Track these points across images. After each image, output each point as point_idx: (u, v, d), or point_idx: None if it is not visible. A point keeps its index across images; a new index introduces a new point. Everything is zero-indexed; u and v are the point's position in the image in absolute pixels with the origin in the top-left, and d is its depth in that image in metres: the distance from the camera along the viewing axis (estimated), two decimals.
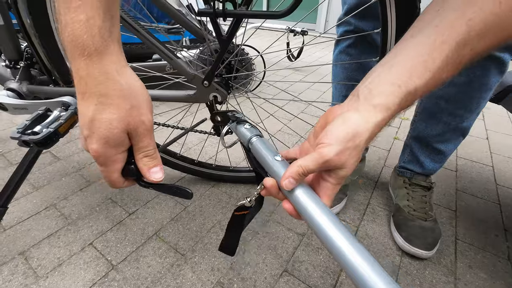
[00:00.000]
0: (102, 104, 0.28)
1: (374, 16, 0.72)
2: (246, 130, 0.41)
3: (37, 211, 0.88)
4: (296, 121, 1.47)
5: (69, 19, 0.26)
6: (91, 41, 0.26)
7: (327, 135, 0.30)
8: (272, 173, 0.34)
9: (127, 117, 0.29)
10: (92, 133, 0.29)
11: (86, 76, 0.27)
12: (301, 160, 0.30)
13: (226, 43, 0.52)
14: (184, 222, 0.86)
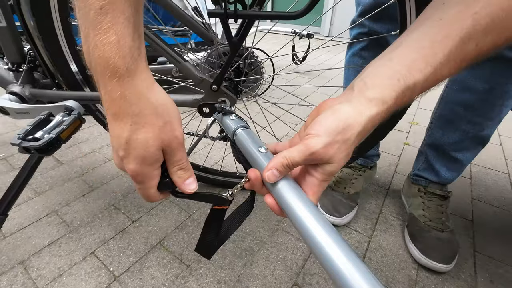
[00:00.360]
0: (136, 124, 0.27)
1: (389, 18, 0.69)
2: (231, 121, 0.39)
3: (38, 218, 0.86)
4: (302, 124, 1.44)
5: (99, 41, 0.25)
6: (122, 62, 0.26)
7: (315, 126, 0.28)
8: (256, 166, 0.31)
9: (161, 134, 0.29)
10: (129, 153, 0.28)
11: (119, 97, 0.27)
12: (286, 151, 0.28)
13: (237, 46, 0.49)
14: (189, 231, 0.83)
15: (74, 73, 0.69)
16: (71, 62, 0.67)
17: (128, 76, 0.26)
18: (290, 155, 0.28)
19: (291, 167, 0.28)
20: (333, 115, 0.28)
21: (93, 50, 0.26)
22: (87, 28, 0.25)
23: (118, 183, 1.01)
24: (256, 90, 0.72)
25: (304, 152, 0.27)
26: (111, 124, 0.28)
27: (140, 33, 0.28)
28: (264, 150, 0.32)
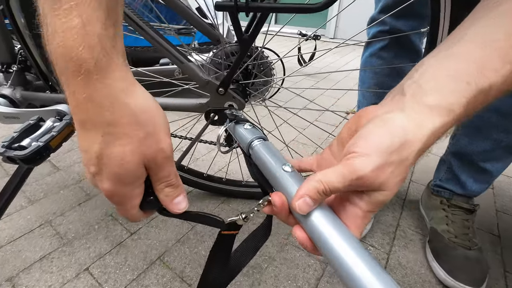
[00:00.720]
0: (110, 135, 0.22)
1: (414, 15, 0.63)
2: (246, 131, 0.34)
3: (30, 229, 0.80)
4: (310, 129, 1.38)
5: (59, 24, 0.20)
6: (89, 54, 0.20)
7: (360, 142, 0.22)
8: (280, 188, 0.26)
9: (142, 147, 0.24)
10: (101, 170, 0.23)
11: (85, 100, 0.21)
12: (322, 174, 0.23)
13: (247, 44, 0.43)
14: (192, 245, 0.77)
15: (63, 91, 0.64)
16: (58, 77, 0.62)
17: (97, 74, 0.21)
18: (327, 179, 0.22)
19: (328, 194, 0.22)
20: (383, 127, 0.22)
21: (51, 37, 0.20)
22: (44, 7, 0.20)
23: None
24: (266, 93, 0.66)
25: (347, 176, 0.21)
26: (79, 133, 0.23)
27: (115, 20, 0.22)
28: (289, 168, 0.27)
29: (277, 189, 0.27)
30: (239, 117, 0.35)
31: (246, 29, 0.44)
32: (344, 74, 2.28)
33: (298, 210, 0.23)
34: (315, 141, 1.29)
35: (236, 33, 0.42)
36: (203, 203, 0.91)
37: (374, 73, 0.77)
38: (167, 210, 0.29)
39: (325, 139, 1.31)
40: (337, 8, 3.47)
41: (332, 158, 0.28)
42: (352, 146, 0.23)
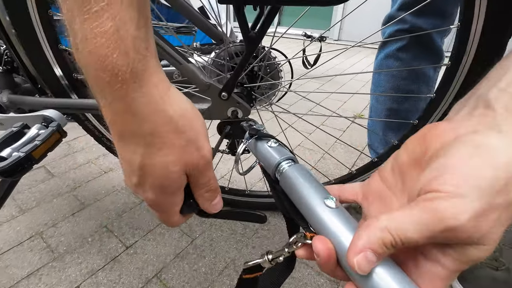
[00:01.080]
0: (151, 146, 0.21)
1: (436, 12, 0.58)
2: (271, 150, 0.29)
3: (20, 241, 0.75)
4: (316, 134, 1.32)
5: (89, 30, 0.18)
6: (124, 61, 0.18)
7: (447, 177, 0.17)
8: (322, 230, 0.21)
9: (185, 155, 0.23)
10: (145, 181, 0.23)
11: (124, 111, 0.20)
12: (389, 218, 0.17)
13: (254, 42, 0.38)
14: (191, 261, 0.71)
15: (59, 77, 0.59)
16: (55, 65, 0.57)
17: (134, 82, 0.19)
18: (398, 227, 0.17)
19: (399, 247, 0.17)
20: (479, 155, 0.17)
21: (81, 44, 0.18)
22: (71, 10, 0.18)
23: (113, 199, 0.90)
24: (272, 98, 0.61)
25: (430, 226, 0.16)
26: (118, 145, 0.22)
27: (147, 16, 0.20)
28: (333, 203, 0.22)
29: (318, 230, 0.21)
30: (262, 132, 0.30)
31: (253, 26, 0.39)
32: (350, 76, 2.22)
33: (356, 269, 0.17)
34: (322, 146, 1.23)
35: (241, 30, 0.36)
36: None
37: (391, 76, 0.71)
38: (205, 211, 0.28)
39: (332, 145, 1.25)
40: (341, 9, 3.42)
41: (385, 189, 0.23)
42: (433, 182, 0.17)
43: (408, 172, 0.21)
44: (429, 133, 0.20)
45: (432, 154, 0.19)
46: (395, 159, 0.23)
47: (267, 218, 0.77)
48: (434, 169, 0.18)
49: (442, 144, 0.19)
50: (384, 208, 0.23)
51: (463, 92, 0.49)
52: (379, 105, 0.77)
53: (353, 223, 0.21)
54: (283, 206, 0.26)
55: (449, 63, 0.48)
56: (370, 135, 0.88)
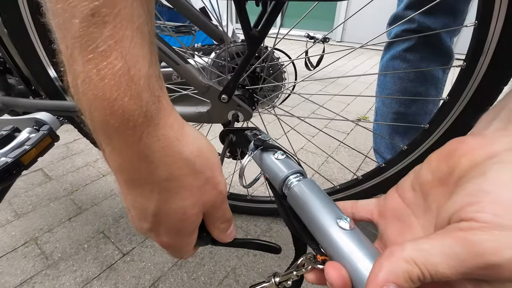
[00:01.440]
0: (167, 191, 0.20)
1: (447, 10, 0.55)
2: (278, 163, 0.27)
3: (14, 247, 0.73)
4: (319, 137, 1.29)
5: (95, 71, 0.15)
6: (137, 104, 0.16)
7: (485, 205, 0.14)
8: (335, 255, 0.19)
9: (202, 196, 0.22)
10: (159, 227, 0.22)
11: (135, 158, 0.18)
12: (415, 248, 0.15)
13: (257, 41, 0.35)
14: (190, 269, 0.68)
15: (53, 79, 0.57)
16: (48, 66, 0.55)
17: (148, 126, 0.17)
18: (426, 259, 0.14)
19: (426, 281, 0.15)
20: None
21: (84, 86, 0.16)
22: (71, 47, 0.15)
23: (111, 204, 0.88)
24: (275, 100, 0.58)
25: (466, 261, 0.14)
26: (125, 191, 0.20)
27: (156, 51, 0.18)
28: (347, 224, 0.20)
29: (330, 254, 0.19)
30: (268, 143, 0.28)
31: (255, 25, 0.36)
32: (353, 78, 2.19)
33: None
34: (325, 149, 1.20)
35: (243, 28, 0.34)
36: None
37: (398, 77, 0.68)
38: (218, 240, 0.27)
39: (336, 148, 1.22)
40: (344, 10, 3.40)
41: (404, 207, 0.21)
42: (468, 208, 0.15)
43: (432, 191, 0.19)
44: (456, 149, 0.18)
45: (461, 174, 0.17)
46: (417, 176, 0.21)
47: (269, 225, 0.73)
48: (468, 193, 0.16)
49: (474, 162, 0.17)
50: (403, 229, 0.21)
51: (478, 96, 0.47)
52: (385, 108, 0.74)
53: (370, 248, 0.19)
54: (291, 224, 0.24)
55: (464, 64, 0.45)
56: (375, 139, 0.85)
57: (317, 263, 0.20)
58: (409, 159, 0.58)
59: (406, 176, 0.22)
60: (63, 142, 1.20)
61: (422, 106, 0.71)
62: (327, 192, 0.75)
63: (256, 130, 0.32)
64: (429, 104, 0.72)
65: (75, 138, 1.22)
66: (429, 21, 0.57)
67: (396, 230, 0.21)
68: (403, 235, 0.21)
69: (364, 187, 0.67)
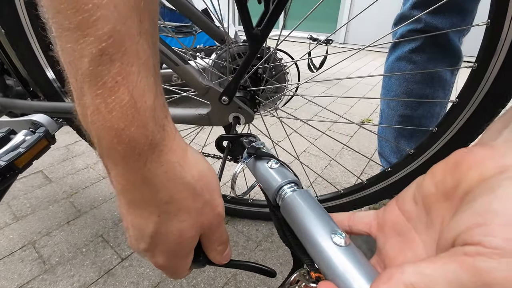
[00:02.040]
0: (167, 213, 0.20)
1: (453, 9, 0.53)
2: (272, 172, 0.26)
3: (11, 251, 0.71)
4: (322, 140, 1.27)
5: (103, 105, 0.16)
6: (142, 134, 0.17)
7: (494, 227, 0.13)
8: (330, 273, 0.18)
9: (200, 218, 0.22)
10: (156, 248, 0.22)
11: (139, 182, 0.19)
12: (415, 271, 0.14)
13: (259, 40, 0.34)
14: (189, 275, 0.67)
15: (51, 80, 0.56)
16: (46, 67, 0.54)
17: (153, 153, 0.18)
18: (429, 285, 0.13)
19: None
20: None
21: (93, 116, 0.17)
22: (81, 82, 0.16)
23: (110, 207, 0.87)
24: (278, 102, 0.57)
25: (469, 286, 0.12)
26: (127, 212, 0.21)
27: (160, 81, 0.19)
28: (342, 240, 0.19)
29: (324, 271, 0.18)
30: (261, 151, 0.27)
31: (258, 23, 0.35)
32: (356, 80, 2.17)
33: None
34: (328, 153, 1.18)
35: (244, 27, 0.32)
36: None
37: (404, 79, 0.66)
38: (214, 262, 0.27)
39: (339, 151, 1.20)
40: (347, 12, 3.39)
41: (405, 222, 0.20)
42: (475, 230, 0.13)
43: (435, 206, 0.18)
44: (463, 161, 0.17)
45: (468, 188, 0.16)
46: (419, 188, 0.19)
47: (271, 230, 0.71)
48: (476, 212, 0.14)
49: (482, 177, 0.15)
50: (404, 246, 0.20)
51: (490, 98, 0.45)
52: (390, 111, 0.72)
53: (367, 266, 0.18)
54: (284, 236, 0.24)
55: (475, 64, 0.43)
56: (380, 143, 0.83)
57: (310, 281, 0.19)
58: (416, 164, 0.56)
59: (407, 187, 0.21)
60: (64, 144, 1.19)
61: (429, 108, 0.69)
62: (331, 197, 0.73)
63: (251, 136, 0.31)
64: (436, 106, 0.70)
65: (76, 140, 1.21)
66: (436, 21, 0.55)
67: (395, 246, 0.20)
68: (403, 251, 0.19)
69: (370, 192, 0.65)
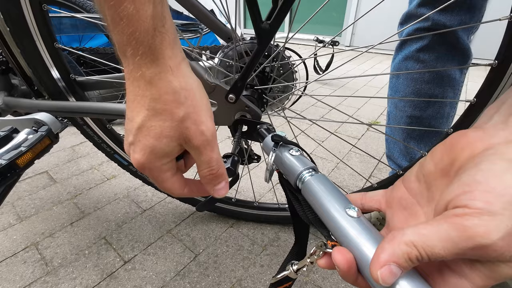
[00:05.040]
0: (153, 109, 0.23)
1: (462, 6, 0.51)
2: (294, 159, 0.29)
3: (14, 252, 0.71)
4: (329, 142, 1.25)
5: (116, 14, 0.21)
6: (145, 37, 0.21)
7: (477, 193, 0.16)
8: (343, 240, 0.21)
9: (181, 125, 0.24)
10: (138, 141, 0.24)
11: (139, 77, 0.23)
12: (415, 232, 0.17)
13: (268, 36, 0.32)
14: (193, 279, 0.65)
15: (56, 80, 0.55)
16: (52, 66, 0.53)
17: (150, 54, 0.22)
18: (424, 242, 0.16)
19: (424, 261, 0.17)
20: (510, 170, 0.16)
21: (111, 26, 0.21)
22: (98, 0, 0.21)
23: (114, 208, 0.86)
24: (286, 102, 0.55)
25: (459, 243, 0.16)
26: (128, 107, 0.24)
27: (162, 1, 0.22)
28: (355, 213, 0.22)
29: (339, 239, 0.22)
30: (286, 139, 0.30)
31: (267, 18, 0.33)
32: (363, 82, 2.15)
33: (380, 281, 0.17)
34: (336, 155, 1.16)
35: (253, 21, 0.31)
36: (209, 227, 0.79)
37: (411, 79, 0.64)
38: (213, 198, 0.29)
39: (347, 153, 1.18)
40: (353, 15, 3.37)
41: (410, 197, 0.23)
42: (463, 196, 0.17)
43: (434, 182, 0.21)
44: (457, 142, 0.20)
45: (461, 165, 0.19)
46: (421, 168, 0.23)
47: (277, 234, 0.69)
48: (463, 182, 0.17)
49: (472, 154, 0.18)
50: (409, 217, 0.23)
51: None
52: (398, 112, 0.70)
53: (375, 233, 0.21)
54: (304, 214, 0.26)
55: (495, 62, 0.41)
56: (389, 145, 0.81)
57: (327, 248, 0.22)
58: None
59: (412, 168, 0.24)
60: (69, 144, 1.19)
61: (438, 109, 0.67)
62: None
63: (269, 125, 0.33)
64: (446, 107, 0.67)
65: (81, 141, 1.21)
66: (444, 19, 0.53)
67: (402, 218, 0.23)
68: (408, 222, 0.22)
69: None
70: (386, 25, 2.98)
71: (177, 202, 0.86)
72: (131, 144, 0.25)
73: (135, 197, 0.90)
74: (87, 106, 0.53)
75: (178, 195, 0.28)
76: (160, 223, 0.80)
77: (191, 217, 0.83)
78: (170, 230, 0.78)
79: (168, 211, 0.85)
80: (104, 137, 0.66)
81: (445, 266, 0.18)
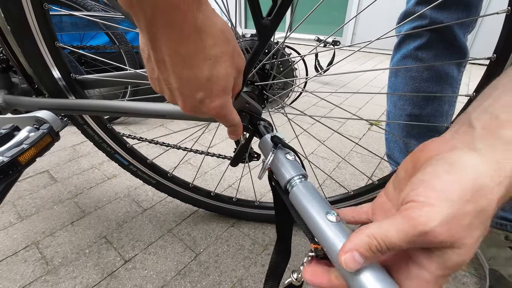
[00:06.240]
0: (215, 57, 0.25)
1: (459, 4, 0.52)
2: (288, 164, 0.31)
3: (14, 251, 0.71)
4: (330, 141, 1.25)
5: None
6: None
7: (421, 189, 0.19)
8: (322, 240, 0.24)
9: (234, 59, 0.27)
10: (211, 90, 0.26)
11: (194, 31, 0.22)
12: (376, 226, 0.19)
13: (268, 32, 0.32)
14: (194, 279, 0.65)
15: (57, 79, 0.55)
16: (52, 66, 0.53)
17: (199, 5, 0.22)
18: (383, 233, 0.19)
19: (384, 252, 0.19)
20: (450, 171, 0.19)
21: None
22: None
23: (115, 208, 0.85)
24: (286, 99, 0.55)
25: (408, 231, 0.18)
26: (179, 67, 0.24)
27: None
28: (334, 217, 0.24)
29: (320, 241, 0.24)
30: (284, 143, 0.32)
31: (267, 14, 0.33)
32: (364, 82, 2.14)
33: (344, 265, 0.19)
34: (336, 154, 1.15)
35: (253, 16, 0.31)
36: (209, 226, 0.79)
37: (410, 77, 0.64)
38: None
39: (348, 153, 1.17)
40: (355, 13, 3.37)
41: (389, 204, 0.26)
42: (410, 194, 0.20)
43: (403, 186, 0.23)
44: (422, 151, 0.23)
45: (418, 168, 0.22)
46: (395, 176, 0.25)
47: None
48: (413, 183, 0.20)
49: (426, 159, 0.21)
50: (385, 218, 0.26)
51: None
52: (397, 111, 0.70)
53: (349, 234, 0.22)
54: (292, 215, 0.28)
55: (494, 56, 0.41)
56: (389, 144, 0.81)
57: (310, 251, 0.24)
58: None
59: (391, 179, 0.27)
60: (70, 144, 1.19)
61: (437, 107, 0.67)
62: (340, 198, 0.71)
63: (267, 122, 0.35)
64: (445, 104, 0.67)
65: (82, 140, 1.22)
66: (442, 16, 0.53)
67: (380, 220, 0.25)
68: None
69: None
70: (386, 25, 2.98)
71: (178, 201, 0.86)
72: (204, 98, 0.27)
73: (136, 197, 0.90)
74: (87, 104, 0.53)
75: (238, 124, 0.32)
76: (161, 223, 0.80)
77: (191, 217, 0.83)
78: (170, 230, 0.78)
79: (168, 211, 0.85)
80: (104, 137, 0.66)
81: (410, 259, 0.20)
